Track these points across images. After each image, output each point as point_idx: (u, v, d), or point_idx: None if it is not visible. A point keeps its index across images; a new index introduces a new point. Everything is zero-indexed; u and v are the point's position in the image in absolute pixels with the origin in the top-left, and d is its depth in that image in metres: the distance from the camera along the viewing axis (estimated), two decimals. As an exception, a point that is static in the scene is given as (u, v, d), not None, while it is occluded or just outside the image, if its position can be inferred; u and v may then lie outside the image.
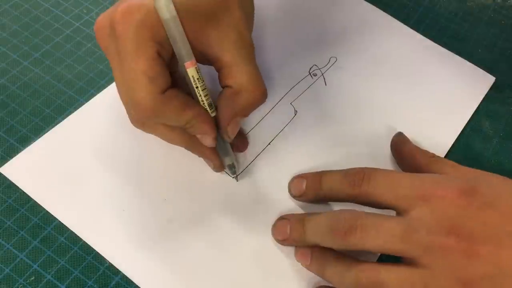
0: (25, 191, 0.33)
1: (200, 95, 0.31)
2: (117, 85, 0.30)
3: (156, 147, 0.36)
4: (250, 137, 0.37)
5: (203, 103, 0.31)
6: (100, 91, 0.38)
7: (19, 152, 0.35)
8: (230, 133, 0.32)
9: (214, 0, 0.29)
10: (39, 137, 0.35)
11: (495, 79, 0.44)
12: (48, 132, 0.36)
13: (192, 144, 0.33)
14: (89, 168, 0.35)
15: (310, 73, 0.41)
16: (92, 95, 0.38)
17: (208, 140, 0.32)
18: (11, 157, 0.34)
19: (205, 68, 0.31)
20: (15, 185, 0.33)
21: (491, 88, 0.43)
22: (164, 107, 0.28)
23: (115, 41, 0.28)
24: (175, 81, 0.30)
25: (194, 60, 0.29)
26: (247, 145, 0.37)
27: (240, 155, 0.36)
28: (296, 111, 0.39)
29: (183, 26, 0.28)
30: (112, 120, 0.37)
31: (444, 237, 0.27)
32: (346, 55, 0.43)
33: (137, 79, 0.27)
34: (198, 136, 0.32)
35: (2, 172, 0.34)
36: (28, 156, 0.35)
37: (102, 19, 0.29)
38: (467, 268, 0.26)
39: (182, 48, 0.29)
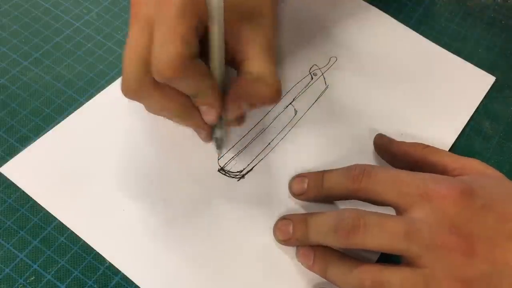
0: (25, 191, 0.33)
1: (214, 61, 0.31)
2: (130, 48, 0.30)
3: (157, 147, 0.36)
4: (249, 137, 0.37)
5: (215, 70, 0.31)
6: (100, 91, 0.38)
7: (19, 152, 0.35)
8: (230, 112, 0.32)
9: (253, 3, 0.32)
10: (39, 137, 0.35)
11: (495, 79, 0.44)
12: (48, 132, 0.36)
13: (186, 113, 0.32)
14: (89, 168, 0.34)
15: (310, 73, 0.41)
16: (92, 95, 0.38)
17: (211, 114, 0.31)
18: (11, 157, 0.34)
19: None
20: (15, 185, 0.33)
21: (491, 88, 0.43)
22: (188, 71, 0.28)
23: (157, 5, 0.29)
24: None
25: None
26: (243, 122, 0.35)
27: (240, 155, 0.36)
28: (296, 111, 0.39)
29: (225, 10, 0.30)
30: (112, 120, 0.37)
31: (445, 236, 0.27)
32: (346, 55, 0.43)
33: (173, 40, 0.28)
34: (203, 108, 0.31)
35: (2, 172, 0.34)
36: (28, 156, 0.35)
37: None
38: (466, 267, 0.27)
39: (216, 25, 0.30)
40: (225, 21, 0.30)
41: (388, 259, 0.29)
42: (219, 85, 0.31)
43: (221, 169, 0.36)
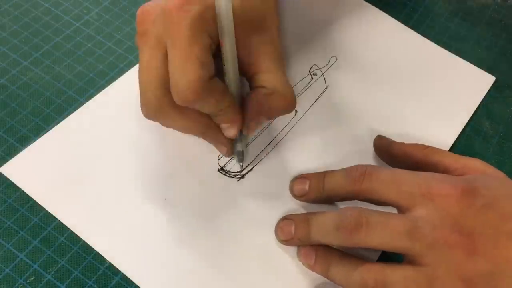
0: (25, 191, 0.33)
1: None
2: (145, 69, 0.31)
3: (156, 147, 0.36)
4: (249, 138, 0.37)
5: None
6: (100, 91, 0.38)
7: (19, 152, 0.35)
8: (251, 129, 0.34)
9: (262, 12, 0.32)
10: (39, 137, 0.35)
11: (495, 79, 0.44)
12: (48, 132, 0.36)
13: (207, 131, 0.34)
14: (89, 168, 0.34)
15: (310, 73, 0.41)
16: (92, 95, 0.38)
17: (232, 130, 0.33)
18: (11, 157, 0.34)
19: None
20: (15, 185, 0.33)
21: (491, 88, 0.43)
22: (209, 92, 0.29)
23: (167, 27, 0.29)
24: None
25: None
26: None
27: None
28: (296, 111, 0.39)
29: (234, 25, 0.30)
30: (112, 120, 0.37)
31: (447, 234, 0.27)
32: (346, 55, 0.43)
33: (191, 64, 0.28)
34: (223, 125, 0.33)
35: (2, 172, 0.34)
36: (28, 156, 0.35)
37: (151, 5, 0.31)
38: (468, 266, 0.27)
39: (227, 40, 0.30)
40: (237, 30, 0.30)
41: (389, 259, 0.29)
42: (236, 99, 0.33)
43: (221, 169, 0.36)
